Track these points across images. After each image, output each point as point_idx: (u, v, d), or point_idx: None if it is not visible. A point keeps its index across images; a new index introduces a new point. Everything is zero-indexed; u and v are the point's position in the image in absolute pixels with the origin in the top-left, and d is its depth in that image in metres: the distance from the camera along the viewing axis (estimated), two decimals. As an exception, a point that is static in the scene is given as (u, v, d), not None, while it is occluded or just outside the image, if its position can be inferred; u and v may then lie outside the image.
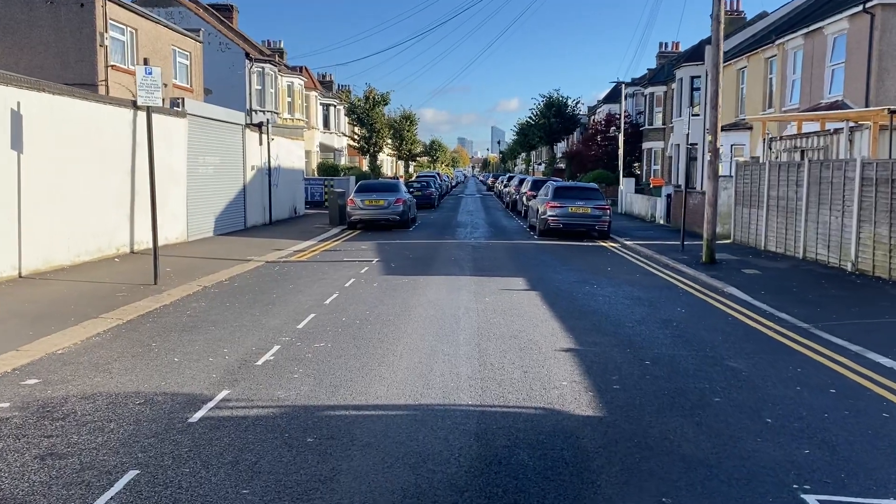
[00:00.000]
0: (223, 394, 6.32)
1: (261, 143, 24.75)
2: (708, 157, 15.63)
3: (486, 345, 8.18)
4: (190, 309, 10.26)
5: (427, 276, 13.68)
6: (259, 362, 7.37)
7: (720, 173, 16.11)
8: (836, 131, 15.70)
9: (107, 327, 9.00)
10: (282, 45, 50.12)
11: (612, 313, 10.22)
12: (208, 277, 12.99)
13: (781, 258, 16.50)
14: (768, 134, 19.44)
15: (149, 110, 11.85)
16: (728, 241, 19.73)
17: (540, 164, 79.90)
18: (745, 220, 19.49)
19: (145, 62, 11.85)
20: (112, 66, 22.53)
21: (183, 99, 19.13)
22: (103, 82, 22.12)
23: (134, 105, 15.74)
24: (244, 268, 14.50)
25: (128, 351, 7.85)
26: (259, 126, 25.28)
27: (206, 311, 10.05)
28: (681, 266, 15.26)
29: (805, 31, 23.35)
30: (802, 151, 17.25)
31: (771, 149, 18.83)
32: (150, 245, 16.82)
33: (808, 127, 19.29)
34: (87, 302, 10.26)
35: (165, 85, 26.27)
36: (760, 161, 19.25)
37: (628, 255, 17.88)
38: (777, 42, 25.67)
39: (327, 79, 61.77)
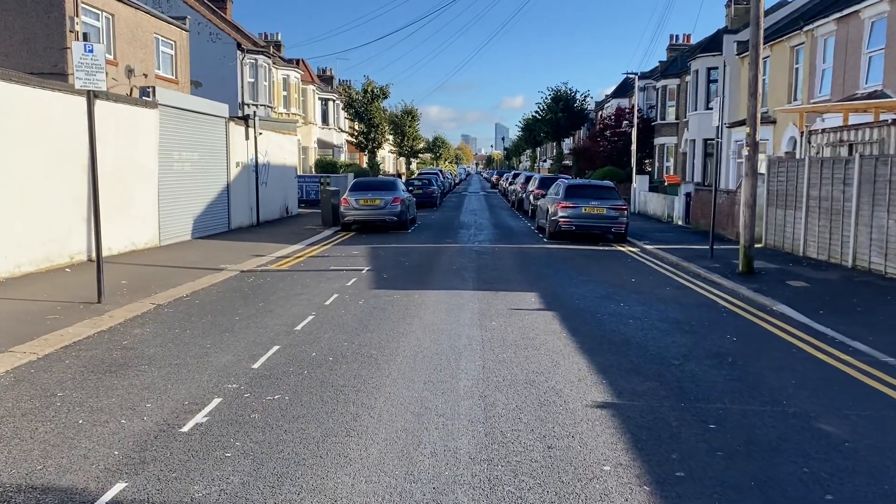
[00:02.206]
0: (115, 490, 4.37)
1: (247, 138, 22.82)
2: (745, 151, 13.65)
3: (495, 397, 6.22)
4: (129, 337, 8.33)
5: (424, 290, 11.74)
6: (185, 428, 5.42)
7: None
8: (895, 122, 13.69)
9: (12, 366, 7.08)
10: (279, 38, 48.15)
11: (650, 344, 8.26)
12: (167, 293, 11.06)
13: (827, 267, 14.51)
14: (807, 127, 17.42)
15: (89, 94, 9.96)
16: (760, 246, 17.70)
17: (545, 160, 77.87)
18: (779, 222, 17.51)
19: (84, 38, 9.90)
20: (83, 53, 20.57)
21: (154, 88, 17.18)
22: (72, 72, 20.19)
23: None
24: (213, 279, 12.57)
25: (20, 406, 5.93)
26: (245, 119, 23.35)
27: (147, 342, 8.12)
28: (714, 276, 13.30)
29: (838, 15, 21.27)
30: (850, 146, 15.24)
31: (810, 143, 16.82)
32: (115, 252, 15.03)
33: (853, 119, 17.27)
34: (3, 329, 8.35)
35: (146, 75, 24.37)
36: (798, 157, 17.26)
37: (651, 262, 15.89)
38: (805, 29, 23.57)
39: (327, 73, 59.80)
